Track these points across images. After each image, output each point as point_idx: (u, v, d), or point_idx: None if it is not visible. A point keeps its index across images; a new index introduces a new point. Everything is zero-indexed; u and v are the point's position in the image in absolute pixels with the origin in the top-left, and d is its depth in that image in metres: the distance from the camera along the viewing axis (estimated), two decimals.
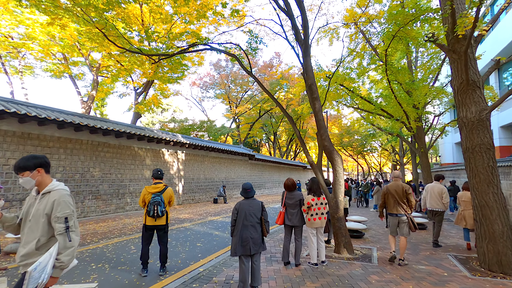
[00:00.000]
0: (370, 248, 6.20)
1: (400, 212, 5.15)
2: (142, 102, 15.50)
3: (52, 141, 9.64)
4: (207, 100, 34.65)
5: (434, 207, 6.77)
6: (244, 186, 3.90)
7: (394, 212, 5.21)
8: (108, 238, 7.04)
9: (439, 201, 6.68)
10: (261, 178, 26.84)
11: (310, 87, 6.00)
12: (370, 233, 7.95)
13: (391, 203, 5.24)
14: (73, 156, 10.23)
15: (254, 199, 3.91)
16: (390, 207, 5.26)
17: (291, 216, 4.86)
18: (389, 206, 5.27)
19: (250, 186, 3.92)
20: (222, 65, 31.09)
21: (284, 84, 29.71)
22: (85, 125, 9.91)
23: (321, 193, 4.98)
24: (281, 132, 42.55)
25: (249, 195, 3.89)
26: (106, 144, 11.50)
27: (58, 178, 9.68)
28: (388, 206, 5.30)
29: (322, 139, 5.94)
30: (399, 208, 5.16)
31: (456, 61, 5.26)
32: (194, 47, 7.54)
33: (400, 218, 5.16)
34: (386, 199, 5.33)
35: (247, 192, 3.88)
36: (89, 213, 10.61)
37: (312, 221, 4.82)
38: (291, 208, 4.89)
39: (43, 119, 8.85)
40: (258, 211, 3.83)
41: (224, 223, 9.60)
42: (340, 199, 5.86)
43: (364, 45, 13.59)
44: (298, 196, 4.91)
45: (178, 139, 14.74)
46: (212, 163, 19.03)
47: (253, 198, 3.93)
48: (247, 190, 3.88)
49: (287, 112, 6.70)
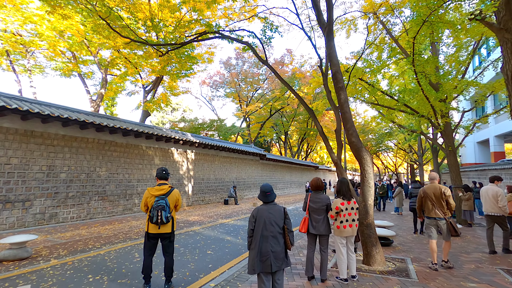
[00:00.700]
0: (403, 259, 5.44)
1: (438, 216, 4.91)
2: (151, 100, 15.05)
3: (56, 139, 9.22)
4: (217, 99, 34.23)
5: (490, 212, 6.06)
6: (263, 188, 3.24)
7: (433, 215, 4.97)
8: (111, 243, 6.50)
9: (495, 204, 5.95)
10: (273, 178, 26.13)
11: (335, 75, 5.29)
12: (398, 240, 7.16)
13: (429, 206, 5.00)
14: (78, 155, 9.80)
15: (275, 204, 3.24)
16: (428, 210, 5.02)
17: (316, 223, 4.17)
18: (427, 210, 5.03)
19: (270, 188, 3.25)
20: (233, 63, 30.56)
21: (296, 82, 28.91)
22: (91, 123, 9.46)
23: (351, 197, 4.26)
24: (292, 131, 41.74)
25: (269, 199, 3.22)
26: (113, 143, 11.06)
27: (63, 178, 9.26)
28: (426, 210, 5.07)
29: (349, 134, 5.21)
30: (437, 211, 4.91)
31: (509, 41, 4.46)
32: (204, 37, 6.94)
33: (439, 221, 4.91)
34: (424, 202, 5.10)
35: (266, 196, 3.21)
36: (95, 215, 10.16)
37: (342, 229, 4.12)
38: (316, 213, 4.20)
39: (46, 116, 8.42)
40: (280, 219, 3.16)
41: (236, 227, 8.96)
42: (370, 202, 5.13)
43: (383, 37, 12.73)
44: (325, 199, 4.21)
45: (188, 138, 14.22)
46: (222, 163, 18.46)
47: (273, 203, 3.26)
48: (266, 194, 3.21)
49: (306, 104, 6.02)
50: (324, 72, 9.71)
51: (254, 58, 29.92)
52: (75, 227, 8.70)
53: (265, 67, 30.03)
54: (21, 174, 8.27)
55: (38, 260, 5.15)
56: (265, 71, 30.44)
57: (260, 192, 3.28)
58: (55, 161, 9.10)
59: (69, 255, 5.52)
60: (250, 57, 30.19)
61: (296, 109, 33.94)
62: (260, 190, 3.27)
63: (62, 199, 9.20)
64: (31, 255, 5.35)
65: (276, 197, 3.32)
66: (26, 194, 8.32)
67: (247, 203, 17.50)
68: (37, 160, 8.66)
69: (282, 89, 29.22)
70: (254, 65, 30.04)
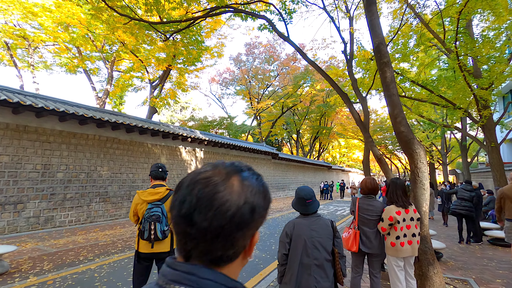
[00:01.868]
0: (466, 280, 4.30)
1: None
2: (157, 96, 14.21)
3: (52, 136, 8.41)
4: (226, 97, 33.31)
5: None
6: (302, 194, 2.20)
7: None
8: (107, 254, 5.58)
9: None
10: (285, 178, 25.01)
11: (378, 48, 4.19)
12: (445, 253, 5.99)
13: (510, 208, 4.68)
14: (77, 153, 8.97)
15: (319, 217, 2.20)
16: (509, 212, 4.70)
17: (367, 239, 3.10)
18: (508, 211, 4.72)
19: (312, 194, 2.21)
20: (243, 59, 29.59)
21: (309, 78, 27.71)
22: (90, 117, 8.61)
23: (409, 203, 3.17)
24: (303, 130, 40.43)
25: (311, 210, 2.19)
26: (115, 140, 10.21)
27: (60, 178, 8.44)
28: (507, 211, 4.74)
29: (397, 122, 4.10)
30: None
31: None
32: (215, 11, 5.94)
33: None
34: (503, 204, 4.79)
35: (307, 206, 2.18)
36: (96, 218, 9.32)
37: (398, 248, 3.03)
38: (367, 225, 3.13)
39: (40, 110, 7.60)
40: (327, 238, 2.13)
41: None
42: (425, 209, 4.01)
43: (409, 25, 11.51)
44: (380, 206, 3.14)
45: (196, 136, 13.29)
46: None
47: (316, 214, 2.22)
48: (306, 202, 2.18)
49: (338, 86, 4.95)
50: (348, 58, 8.61)
51: (265, 54, 28.90)
52: (72, 232, 7.86)
53: (276, 62, 28.97)
54: (12, 174, 7.47)
55: (14, 277, 4.25)
56: (276, 67, 29.35)
57: (296, 200, 2.24)
58: (51, 159, 8.28)
59: (54, 270, 4.60)
60: (260, 52, 29.18)
61: (309, 106, 32.68)
62: (297, 196, 2.23)
63: (59, 201, 8.38)
64: (7, 271, 4.45)
65: (319, 206, 2.27)
66: (18, 196, 7.52)
67: None
68: (31, 158, 7.86)
69: (295, 85, 28.07)
70: (265, 61, 28.99)
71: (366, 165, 8.40)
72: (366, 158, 8.31)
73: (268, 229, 8.53)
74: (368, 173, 8.43)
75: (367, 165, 8.43)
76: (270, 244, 6.59)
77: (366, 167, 8.43)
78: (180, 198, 0.54)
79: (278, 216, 11.57)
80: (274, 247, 6.32)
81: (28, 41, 13.99)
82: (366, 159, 8.31)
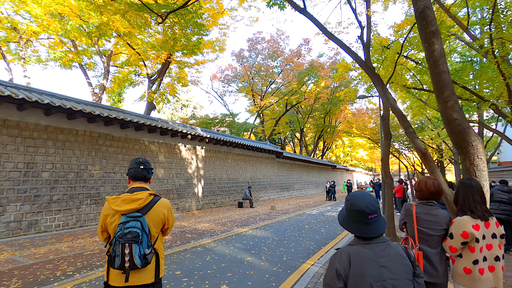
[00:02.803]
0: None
1: None
2: (155, 90, 13.37)
3: (37, 131, 7.58)
4: (228, 94, 32.46)
5: None
6: (359, 202, 1.34)
7: None
8: (90, 267, 4.74)
9: None
10: (289, 178, 24.14)
11: (424, 14, 3.31)
12: None
13: None
14: (65, 150, 8.15)
15: (386, 243, 1.34)
16: None
17: (429, 263, 2.23)
18: None
19: (376, 205, 1.35)
20: (245, 55, 28.69)
21: (314, 74, 26.80)
22: (79, 111, 7.78)
23: (490, 214, 2.30)
24: (307, 129, 39.51)
25: (375, 231, 1.33)
26: (109, 136, 9.38)
27: (46, 178, 7.62)
28: None
29: (448, 107, 3.22)
30: None
31: None
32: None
33: None
34: None
35: (369, 223, 1.33)
36: (87, 222, 8.49)
37: (477, 276, 2.16)
38: (428, 243, 2.27)
39: (21, 101, 6.79)
40: (406, 281, 1.26)
41: (256, 240, 7.08)
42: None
43: None
44: (446, 217, 2.28)
45: (197, 133, 12.45)
46: (236, 161, 16.63)
47: (383, 239, 1.35)
48: (368, 217, 1.32)
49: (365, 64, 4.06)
50: (366, 43, 7.74)
51: (268, 50, 28.01)
52: (58, 238, 7.03)
53: (280, 58, 28.09)
54: None
55: None
56: (280, 63, 28.46)
57: (348, 214, 1.38)
58: (35, 157, 7.46)
59: None
60: (263, 48, 28.30)
61: (313, 104, 31.79)
62: (351, 207, 1.37)
63: (45, 204, 7.56)
64: None
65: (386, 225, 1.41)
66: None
67: (263, 206, 15.61)
68: (12, 155, 7.04)
69: (299, 81, 27.18)
70: (268, 57, 28.10)
71: (386, 162, 7.54)
72: (386, 155, 7.44)
73: (275, 235, 7.67)
74: (387, 171, 7.56)
75: (387, 162, 7.57)
76: (281, 254, 5.74)
77: (385, 164, 7.56)
78: None
79: (285, 219, 10.71)
80: (285, 258, 5.47)
81: (19, 33, 13.20)
82: (386, 155, 7.44)
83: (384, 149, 7.42)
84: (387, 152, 7.45)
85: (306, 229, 8.64)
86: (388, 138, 7.45)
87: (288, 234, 7.86)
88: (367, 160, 57.72)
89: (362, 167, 63.93)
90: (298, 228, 8.86)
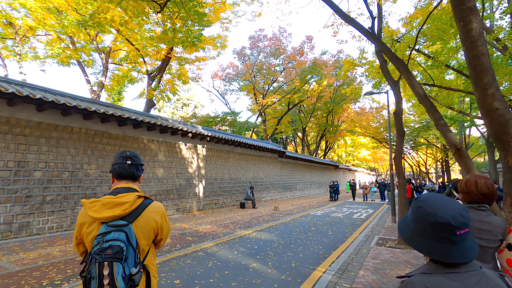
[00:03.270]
0: None
1: None
2: (155, 87, 12.95)
3: (29, 128, 7.17)
4: (230, 93, 32.01)
5: None
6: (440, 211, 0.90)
7: None
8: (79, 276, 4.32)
9: None
10: (292, 178, 23.70)
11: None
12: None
13: None
14: (59, 148, 7.74)
15: (482, 273, 0.89)
16: None
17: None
18: None
19: (467, 215, 0.91)
20: (247, 53, 28.25)
21: (316, 72, 26.35)
22: (74, 107, 7.37)
23: None
24: (309, 128, 39.04)
25: (466, 256, 0.88)
26: (106, 134, 8.97)
27: (38, 177, 7.21)
28: None
29: (488, 95, 2.78)
30: None
31: None
32: None
33: None
34: None
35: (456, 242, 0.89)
36: None
37: None
38: (481, 257, 1.83)
39: (11, 96, 6.38)
40: None
41: (260, 243, 6.65)
42: None
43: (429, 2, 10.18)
44: (502, 225, 1.85)
45: (198, 131, 12.03)
46: (238, 160, 16.20)
47: (474, 265, 0.91)
48: (456, 232, 0.88)
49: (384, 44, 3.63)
50: (376, 35, 7.30)
51: (270, 48, 27.58)
52: (51, 241, 6.63)
53: (282, 56, 27.66)
54: None
55: None
56: (282, 61, 28.01)
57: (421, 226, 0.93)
58: (26, 155, 7.05)
59: None
60: (265, 46, 27.86)
61: (315, 103, 31.35)
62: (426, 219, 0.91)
63: (37, 205, 7.15)
64: None
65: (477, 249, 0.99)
66: None
67: (265, 206, 15.18)
68: (1, 154, 6.63)
69: (302, 79, 26.74)
70: (270, 54, 27.67)
71: (398, 161, 7.09)
72: (399, 153, 7.00)
73: (281, 238, 7.24)
74: (400, 171, 7.13)
75: (399, 161, 7.12)
76: (289, 260, 5.30)
77: (398, 163, 7.12)
78: None
79: (289, 220, 10.28)
80: (294, 264, 5.04)
81: (15, 28, 12.81)
82: (399, 154, 7.00)
83: (397, 147, 6.98)
84: (400, 151, 7.02)
85: (312, 231, 8.21)
86: (401, 135, 7.02)
87: (294, 236, 7.43)
88: (370, 160, 57.25)
89: (364, 167, 63.44)
90: (304, 230, 8.42)
